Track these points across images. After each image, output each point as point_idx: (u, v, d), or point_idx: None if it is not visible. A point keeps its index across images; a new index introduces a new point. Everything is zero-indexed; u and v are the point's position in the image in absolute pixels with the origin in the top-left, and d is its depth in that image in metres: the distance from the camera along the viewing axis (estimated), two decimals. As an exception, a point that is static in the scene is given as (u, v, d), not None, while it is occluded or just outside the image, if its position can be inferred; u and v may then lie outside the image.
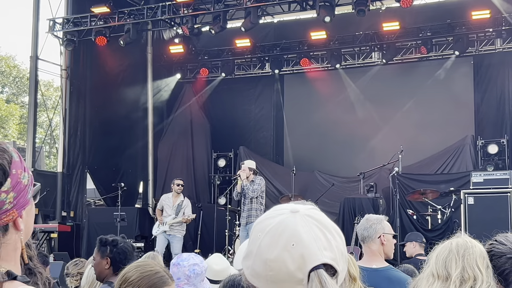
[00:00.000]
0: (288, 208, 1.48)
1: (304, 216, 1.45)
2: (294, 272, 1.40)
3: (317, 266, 1.39)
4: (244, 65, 18.59)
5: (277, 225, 1.44)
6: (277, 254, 1.41)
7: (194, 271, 4.02)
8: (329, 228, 1.45)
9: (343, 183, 16.34)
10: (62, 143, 16.26)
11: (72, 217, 15.65)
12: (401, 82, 17.17)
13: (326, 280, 1.37)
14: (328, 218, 1.49)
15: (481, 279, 2.67)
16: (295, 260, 1.40)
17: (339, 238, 1.46)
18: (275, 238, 1.43)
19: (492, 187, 11.97)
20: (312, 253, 1.40)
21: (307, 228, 1.42)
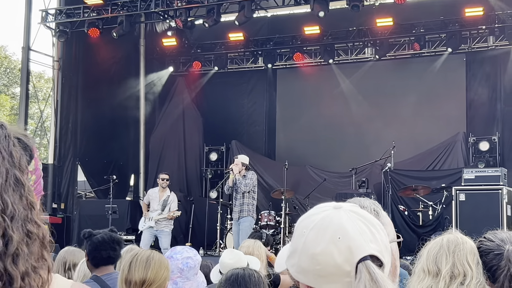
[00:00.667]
0: (331, 205, 1.51)
1: (348, 211, 1.47)
2: (342, 265, 1.41)
3: (365, 258, 1.41)
4: (237, 59, 18.56)
5: (322, 220, 1.47)
6: (324, 248, 1.43)
7: (188, 264, 4.00)
8: (373, 223, 1.47)
9: (335, 178, 16.36)
10: (53, 135, 16.20)
11: (63, 209, 15.60)
12: (394, 78, 17.18)
13: (375, 271, 1.39)
14: (370, 214, 1.52)
15: (471, 275, 2.68)
16: (342, 252, 1.42)
17: (382, 232, 1.48)
18: (320, 232, 1.45)
19: (483, 184, 12.02)
20: (359, 245, 1.42)
21: (352, 222, 1.45)
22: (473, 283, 2.66)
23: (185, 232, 15.58)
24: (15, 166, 1.51)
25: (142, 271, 3.20)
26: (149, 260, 3.23)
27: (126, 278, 3.22)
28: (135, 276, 3.18)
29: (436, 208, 13.28)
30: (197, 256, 4.13)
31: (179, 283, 3.98)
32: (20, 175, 1.52)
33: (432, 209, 13.34)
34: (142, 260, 3.23)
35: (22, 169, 1.53)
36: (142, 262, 3.23)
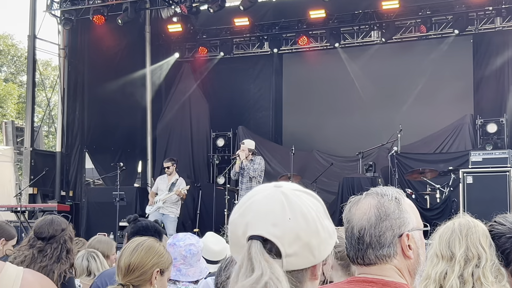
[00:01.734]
0: (277, 183, 1.52)
1: (279, 191, 1.47)
2: (241, 237, 1.44)
3: (254, 237, 1.40)
4: (243, 44, 18.51)
5: (251, 193, 1.51)
6: (235, 218, 1.49)
7: (190, 251, 4.02)
8: (295, 210, 1.44)
9: (342, 162, 16.34)
10: (60, 123, 16.23)
11: (71, 197, 15.67)
12: (400, 61, 17.10)
13: (256, 251, 1.38)
14: (310, 204, 1.48)
15: (485, 257, 2.69)
16: (242, 226, 1.44)
17: (303, 222, 1.44)
18: (242, 203, 1.50)
19: (491, 166, 11.98)
20: (255, 224, 1.42)
21: (270, 201, 1.45)
22: (488, 265, 2.68)
23: (193, 218, 15.62)
24: None
25: (128, 256, 3.24)
26: (138, 246, 3.27)
27: (117, 263, 3.29)
28: (122, 261, 3.24)
29: (443, 191, 13.24)
30: (200, 243, 4.15)
31: (182, 269, 4.00)
32: None
33: (439, 192, 13.30)
34: (131, 246, 3.28)
35: None
36: (131, 248, 3.28)
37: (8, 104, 33.57)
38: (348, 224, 1.96)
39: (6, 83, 34.68)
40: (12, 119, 25.62)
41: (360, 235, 1.90)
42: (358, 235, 1.90)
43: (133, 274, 3.20)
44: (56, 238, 4.39)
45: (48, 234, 4.38)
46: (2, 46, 35.74)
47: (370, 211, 1.91)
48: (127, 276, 3.20)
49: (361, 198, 1.97)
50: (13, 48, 36.20)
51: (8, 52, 36.15)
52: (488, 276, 2.66)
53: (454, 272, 2.70)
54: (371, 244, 1.89)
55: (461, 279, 2.68)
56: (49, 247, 4.35)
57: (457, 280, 2.68)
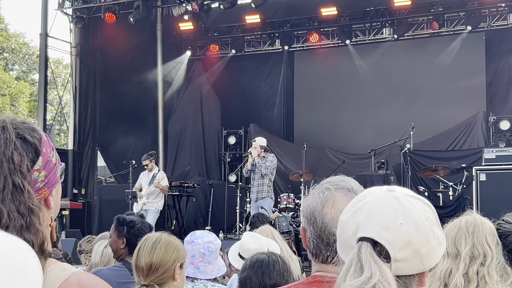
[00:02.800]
0: (390, 187, 1.51)
1: (392, 196, 1.46)
2: (350, 238, 1.43)
3: (365, 238, 1.40)
4: (254, 41, 18.50)
5: (364, 195, 1.50)
6: (347, 217, 1.47)
7: (209, 249, 4.02)
8: (407, 215, 1.44)
9: (354, 160, 16.31)
10: (72, 121, 16.29)
11: (83, 195, 15.72)
12: (412, 58, 17.04)
13: (366, 253, 1.38)
14: (422, 211, 1.47)
15: (491, 256, 2.68)
16: (353, 225, 1.44)
17: (414, 228, 1.43)
18: (354, 203, 1.49)
19: (504, 164, 11.92)
20: (366, 226, 1.41)
21: (382, 205, 1.44)
22: (493, 263, 2.66)
23: (204, 216, 15.65)
24: (15, 172, 1.52)
25: (148, 256, 3.21)
26: (155, 244, 3.24)
27: (136, 264, 3.24)
28: (141, 262, 3.21)
29: (456, 188, 13.19)
30: (217, 240, 4.14)
31: (201, 267, 4.00)
32: (20, 180, 1.52)
33: (452, 190, 13.25)
34: (148, 245, 3.25)
35: (23, 174, 1.54)
36: (148, 247, 3.24)
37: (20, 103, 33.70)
38: (322, 224, 1.93)
39: (18, 81, 34.81)
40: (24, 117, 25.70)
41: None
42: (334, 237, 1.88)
43: (157, 273, 3.18)
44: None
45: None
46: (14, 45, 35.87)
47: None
48: (150, 276, 3.17)
49: (331, 195, 1.94)
50: (25, 46, 36.32)
51: (20, 50, 36.29)
52: (493, 274, 2.65)
53: (459, 270, 2.69)
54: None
55: (466, 277, 2.68)
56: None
57: (462, 278, 2.67)
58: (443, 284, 2.71)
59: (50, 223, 1.71)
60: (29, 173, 1.57)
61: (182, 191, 15.06)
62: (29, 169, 1.58)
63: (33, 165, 1.61)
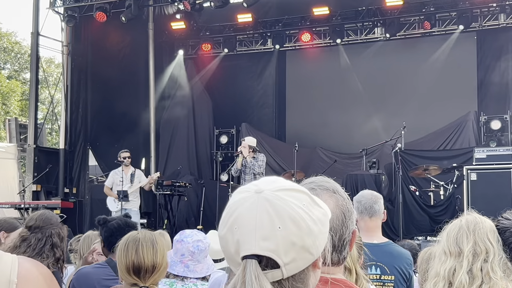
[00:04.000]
0: (255, 187, 1.43)
1: (262, 199, 1.39)
2: (234, 255, 1.39)
3: (249, 256, 1.36)
4: (246, 41, 18.49)
5: (234, 203, 1.42)
6: (224, 233, 1.41)
7: (198, 247, 4.01)
8: (283, 216, 1.37)
9: (345, 159, 16.33)
10: (64, 120, 16.24)
11: (75, 194, 15.67)
12: (404, 57, 17.08)
13: (249, 272, 1.34)
14: (295, 203, 1.40)
15: (493, 252, 2.70)
16: (234, 243, 1.39)
17: (293, 227, 1.37)
18: (227, 216, 1.42)
19: (495, 163, 11.96)
20: (246, 242, 1.36)
21: (255, 213, 1.38)
22: (496, 259, 2.69)
23: (196, 215, 15.62)
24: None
25: (152, 256, 3.15)
26: (154, 245, 3.21)
27: (135, 264, 3.14)
28: (145, 263, 3.12)
29: (447, 188, 13.23)
30: (207, 239, 4.13)
31: (190, 266, 3.99)
32: None
33: (443, 189, 13.29)
34: (148, 246, 3.18)
35: None
36: (149, 247, 3.18)
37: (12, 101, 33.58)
38: None
39: (10, 80, 34.69)
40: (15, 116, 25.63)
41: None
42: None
43: (158, 273, 3.16)
44: (43, 230, 4.27)
45: (34, 223, 4.29)
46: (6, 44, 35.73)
47: (334, 212, 1.83)
48: (153, 276, 3.14)
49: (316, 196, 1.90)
50: (17, 45, 36.20)
51: (12, 49, 36.16)
52: (496, 270, 2.67)
53: (462, 267, 2.70)
54: (336, 247, 1.86)
55: (470, 274, 2.69)
56: (33, 237, 4.25)
57: (466, 275, 2.68)
58: (447, 283, 2.73)
59: None
60: None
61: (174, 190, 15.03)
62: None
63: None
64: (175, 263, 3.91)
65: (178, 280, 3.94)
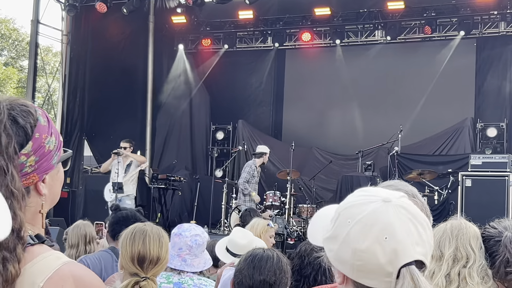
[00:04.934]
0: (380, 195, 1.45)
1: (397, 207, 1.43)
2: (384, 265, 1.39)
3: (410, 263, 1.39)
4: (246, 38, 18.47)
5: (369, 215, 1.43)
6: (368, 245, 1.40)
7: (196, 242, 4.01)
8: (421, 221, 1.44)
9: (341, 160, 16.35)
10: (60, 109, 16.20)
11: (69, 184, 15.62)
12: (403, 61, 17.09)
13: (419, 278, 1.37)
14: (417, 208, 1.47)
15: (473, 258, 2.72)
16: (386, 253, 1.39)
17: (429, 231, 1.45)
18: (366, 228, 1.42)
19: (490, 170, 11.98)
20: (405, 249, 1.39)
21: (400, 221, 1.41)
22: (475, 266, 2.70)
23: (189, 210, 15.62)
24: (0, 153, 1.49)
25: (156, 249, 3.16)
26: (160, 237, 3.21)
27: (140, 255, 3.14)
28: (150, 254, 3.12)
29: (442, 193, 13.26)
30: (205, 234, 4.14)
31: (187, 260, 3.99)
32: (4, 162, 1.49)
33: (437, 194, 13.32)
34: (154, 238, 3.18)
35: (8, 156, 1.50)
36: (156, 240, 3.18)
37: (7, 89, 33.48)
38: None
39: (6, 67, 34.58)
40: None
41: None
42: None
43: (160, 265, 3.16)
44: None
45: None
46: (4, 30, 35.62)
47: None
48: (155, 268, 3.14)
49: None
50: (15, 32, 36.08)
51: (10, 36, 36.04)
52: (474, 276, 2.69)
53: (441, 271, 2.73)
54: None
55: (448, 278, 2.71)
56: None
57: (443, 278, 2.71)
58: None
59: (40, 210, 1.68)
60: (16, 156, 1.54)
61: (168, 184, 15.02)
62: (16, 152, 1.54)
63: (21, 149, 1.57)
64: (173, 257, 3.90)
65: (175, 274, 3.95)
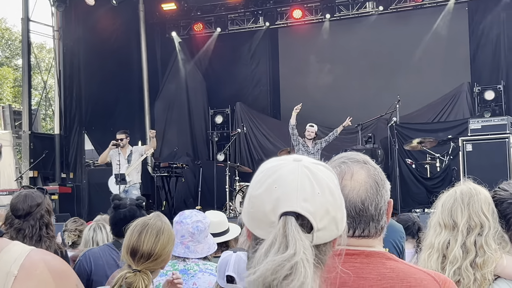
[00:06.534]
0: (294, 157, 1.49)
1: (302, 165, 1.45)
2: (268, 213, 1.40)
3: (288, 213, 1.38)
4: (238, 20, 18.41)
5: (272, 167, 1.47)
6: (260, 192, 1.44)
7: (198, 228, 4.03)
8: (322, 184, 1.43)
9: (341, 134, 16.24)
10: (58, 105, 16.20)
11: (72, 179, 15.69)
12: (396, 31, 17.02)
13: (291, 228, 1.36)
14: (331, 177, 1.48)
15: (488, 226, 2.72)
16: (271, 201, 1.41)
17: (330, 196, 1.44)
18: (264, 177, 1.45)
19: (490, 133, 12.00)
20: (288, 199, 1.40)
21: (296, 176, 1.42)
22: (491, 233, 2.71)
23: (194, 195, 15.67)
24: None
25: (152, 243, 3.17)
26: (159, 234, 3.22)
27: (133, 248, 3.17)
28: (143, 248, 3.14)
29: (443, 160, 13.29)
30: (206, 219, 4.15)
31: (191, 246, 4.01)
32: None
33: (439, 161, 13.35)
34: (152, 233, 3.19)
35: None
36: (153, 235, 3.19)
37: (4, 88, 33.45)
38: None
39: (1, 67, 34.52)
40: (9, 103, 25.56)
41: (364, 207, 1.87)
42: (361, 206, 1.87)
43: (155, 261, 3.17)
44: (33, 215, 4.19)
45: (23, 212, 4.19)
46: (-4, 30, 35.54)
47: (367, 182, 1.90)
48: (148, 263, 3.15)
49: (348, 168, 1.94)
50: (7, 32, 35.98)
51: (3, 36, 35.95)
52: (491, 243, 2.69)
53: (457, 242, 2.73)
54: (373, 217, 1.88)
55: (464, 248, 2.72)
56: (27, 226, 4.16)
57: (460, 249, 2.71)
58: (441, 256, 2.76)
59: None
60: None
61: (171, 172, 15.07)
62: None
63: None
64: (176, 245, 3.92)
65: (180, 261, 3.97)
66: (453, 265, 2.71)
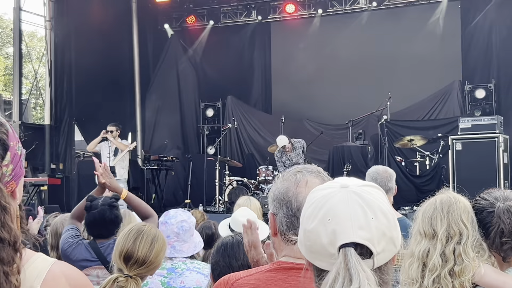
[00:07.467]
0: (340, 182, 1.51)
1: (350, 192, 1.47)
2: (327, 246, 1.44)
3: (347, 244, 1.41)
4: (230, 13, 18.38)
5: (321, 198, 1.49)
6: (314, 226, 1.46)
7: (183, 228, 4.04)
8: (374, 208, 1.46)
9: (332, 130, 16.37)
10: (48, 95, 16.15)
11: (61, 170, 15.64)
12: (388, 28, 17.01)
13: (351, 259, 1.38)
14: (380, 197, 1.50)
15: (467, 234, 2.76)
16: (328, 234, 1.43)
17: (383, 218, 1.46)
18: (316, 210, 1.48)
19: (479, 133, 12.05)
20: (344, 231, 1.42)
21: (347, 205, 1.45)
22: (469, 241, 2.75)
23: (184, 189, 15.65)
24: None
25: (146, 251, 3.18)
26: (154, 241, 3.22)
27: (127, 253, 3.17)
28: (137, 254, 3.15)
29: (433, 158, 13.33)
30: (191, 218, 4.16)
31: (176, 246, 4.03)
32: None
33: (429, 159, 13.39)
34: (147, 240, 3.20)
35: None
36: (148, 242, 3.20)
37: (-5, 76, 33.29)
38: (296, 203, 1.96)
39: (-8, 55, 34.34)
40: None
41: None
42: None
43: (147, 268, 3.17)
44: None
45: None
46: (-13, 18, 35.30)
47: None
48: (141, 269, 3.16)
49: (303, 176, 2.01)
50: (-2, 20, 35.76)
51: (-7, 24, 35.73)
52: (469, 252, 2.74)
53: (436, 250, 2.77)
54: None
55: (443, 257, 2.76)
56: None
57: (439, 258, 2.76)
58: (421, 264, 2.80)
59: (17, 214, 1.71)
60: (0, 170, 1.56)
61: (161, 164, 15.05)
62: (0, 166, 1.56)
63: (2, 161, 1.59)
64: (162, 245, 3.94)
65: (167, 260, 3.99)
66: (432, 273, 2.75)
